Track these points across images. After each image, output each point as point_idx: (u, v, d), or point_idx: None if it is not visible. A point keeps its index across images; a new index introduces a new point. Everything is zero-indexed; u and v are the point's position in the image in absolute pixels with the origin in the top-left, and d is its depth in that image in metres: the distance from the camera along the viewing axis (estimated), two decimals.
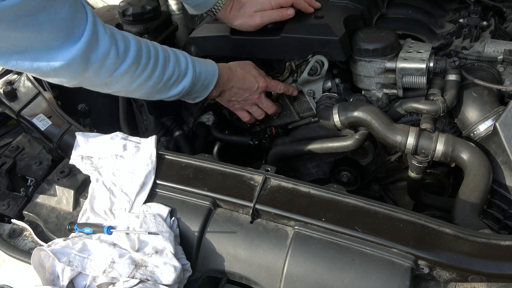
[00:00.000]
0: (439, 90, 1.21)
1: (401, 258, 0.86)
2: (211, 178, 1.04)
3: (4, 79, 1.43)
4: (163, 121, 1.64)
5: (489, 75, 1.21)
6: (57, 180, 1.12)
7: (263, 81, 1.33)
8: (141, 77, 1.06)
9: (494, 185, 1.10)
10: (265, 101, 1.38)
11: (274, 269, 0.91)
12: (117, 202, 1.01)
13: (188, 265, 0.95)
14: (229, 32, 1.36)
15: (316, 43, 1.27)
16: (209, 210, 0.99)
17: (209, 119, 1.63)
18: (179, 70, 1.14)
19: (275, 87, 1.36)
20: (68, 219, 1.07)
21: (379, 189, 1.55)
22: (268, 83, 1.34)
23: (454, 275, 0.86)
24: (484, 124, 1.15)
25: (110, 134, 1.13)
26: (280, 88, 1.37)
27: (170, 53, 1.14)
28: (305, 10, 1.34)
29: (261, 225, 0.97)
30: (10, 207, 1.13)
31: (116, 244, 0.94)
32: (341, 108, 1.22)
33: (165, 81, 1.12)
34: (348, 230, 0.90)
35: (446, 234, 0.88)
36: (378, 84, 1.30)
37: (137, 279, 0.88)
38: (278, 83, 1.37)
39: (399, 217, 0.92)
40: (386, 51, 1.24)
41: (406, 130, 1.13)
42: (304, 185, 0.99)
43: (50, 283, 0.89)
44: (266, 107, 1.39)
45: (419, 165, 1.16)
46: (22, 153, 1.27)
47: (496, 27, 1.41)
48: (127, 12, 1.44)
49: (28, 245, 1.05)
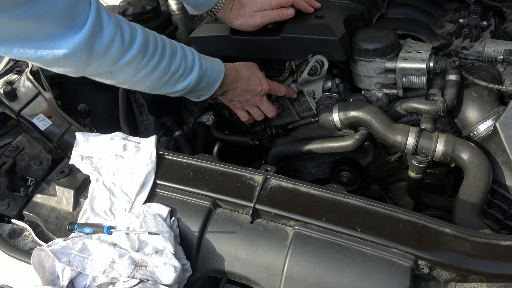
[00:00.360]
0: (439, 90, 1.21)
1: (401, 258, 0.86)
2: (211, 178, 1.04)
3: (4, 79, 1.43)
4: (163, 121, 1.64)
5: (489, 75, 1.21)
6: (57, 180, 1.12)
7: (267, 84, 1.33)
8: (147, 68, 1.04)
9: (494, 185, 1.10)
10: (266, 104, 1.38)
11: (274, 269, 0.91)
12: (117, 202, 1.01)
13: (188, 265, 0.95)
14: (229, 32, 1.36)
15: (316, 43, 1.27)
16: (209, 210, 0.99)
17: (209, 119, 1.63)
18: (185, 64, 1.13)
19: (278, 90, 1.36)
20: (68, 219, 1.07)
21: (379, 189, 1.55)
22: (271, 86, 1.34)
23: (454, 275, 0.86)
24: (484, 124, 1.15)
25: (110, 134, 1.13)
26: (282, 91, 1.37)
27: (177, 46, 1.12)
28: (305, 10, 1.34)
29: (261, 225, 0.97)
30: (10, 207, 1.13)
31: (116, 244, 0.94)
32: (341, 108, 1.22)
33: (171, 74, 1.11)
34: (348, 230, 0.90)
35: (446, 234, 0.88)
36: (378, 84, 1.30)
37: (137, 279, 0.88)
38: (280, 86, 1.37)
39: (399, 217, 0.92)
40: (386, 51, 1.24)
41: (406, 130, 1.13)
42: (304, 185, 0.99)
43: (50, 283, 0.89)
44: (267, 109, 1.39)
45: (419, 165, 1.16)
46: (22, 153, 1.27)
47: (496, 27, 1.41)
48: (127, 12, 1.44)
49: (28, 245, 1.05)
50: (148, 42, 1.02)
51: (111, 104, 1.55)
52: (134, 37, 0.99)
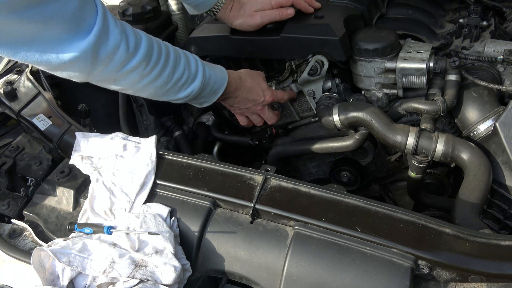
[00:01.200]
0: (439, 90, 1.21)
1: (401, 258, 0.86)
2: (211, 178, 1.04)
3: (4, 79, 1.43)
4: (163, 121, 1.64)
5: (489, 75, 1.21)
6: (57, 180, 1.12)
7: (270, 95, 1.32)
8: (150, 75, 1.03)
9: (494, 185, 1.10)
10: (267, 113, 1.37)
11: (274, 269, 0.91)
12: (117, 202, 1.01)
13: (188, 265, 0.95)
14: (229, 32, 1.36)
15: (316, 43, 1.27)
16: (209, 210, 0.99)
17: (209, 119, 1.63)
18: (189, 72, 1.11)
19: (281, 98, 1.36)
20: (68, 219, 1.07)
21: (379, 189, 1.55)
22: (274, 97, 1.33)
23: (454, 275, 0.86)
24: (484, 124, 1.15)
25: (110, 134, 1.13)
26: (284, 98, 1.38)
27: (181, 54, 1.11)
28: (305, 10, 1.34)
29: (261, 225, 0.97)
30: (10, 207, 1.13)
31: (116, 244, 0.94)
32: (341, 108, 1.22)
33: (174, 82, 1.09)
34: (348, 230, 0.90)
35: (446, 234, 0.88)
36: (378, 84, 1.30)
37: (137, 279, 0.88)
38: (283, 94, 1.37)
39: (399, 217, 0.92)
40: (386, 51, 1.24)
41: (406, 130, 1.13)
42: (304, 185, 0.99)
43: (50, 283, 0.89)
44: (267, 117, 1.39)
45: (419, 165, 1.16)
46: (22, 153, 1.27)
47: (496, 27, 1.41)
48: (127, 12, 1.44)
49: (28, 245, 1.05)
50: (152, 50, 1.02)
51: (111, 104, 1.55)
52: (139, 45, 0.99)
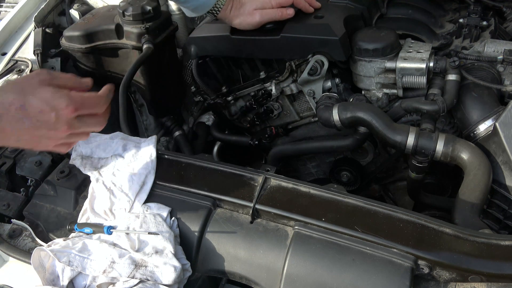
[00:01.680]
0: (439, 90, 1.21)
1: (401, 258, 0.86)
2: (211, 178, 1.04)
3: (4, 79, 1.43)
4: (163, 121, 1.63)
5: (489, 75, 1.21)
6: (57, 180, 1.12)
7: (66, 104, 0.81)
8: None
9: (494, 185, 1.10)
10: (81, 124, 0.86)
11: (274, 269, 0.91)
12: (117, 202, 1.01)
13: (188, 265, 0.95)
14: (229, 32, 1.36)
15: (316, 43, 1.27)
16: (209, 210, 0.99)
17: (209, 119, 1.63)
18: None
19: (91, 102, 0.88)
20: (68, 219, 1.07)
21: (379, 189, 1.55)
22: (77, 105, 0.82)
23: (454, 275, 0.86)
24: (484, 124, 1.15)
25: (110, 134, 1.13)
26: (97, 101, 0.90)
27: None
28: (305, 10, 1.34)
29: (261, 225, 0.97)
30: (10, 207, 1.13)
31: (116, 244, 0.94)
32: (341, 108, 1.22)
33: None
34: (348, 230, 0.90)
35: (446, 234, 0.88)
36: (378, 84, 1.30)
37: (137, 279, 0.88)
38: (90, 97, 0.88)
39: (399, 217, 0.92)
40: (386, 51, 1.24)
41: (406, 130, 1.13)
42: (304, 185, 0.99)
43: (50, 283, 0.89)
44: (89, 125, 0.89)
45: (419, 165, 1.16)
46: (22, 153, 1.27)
47: (496, 27, 1.41)
48: (127, 12, 1.44)
49: (28, 245, 1.05)
50: None
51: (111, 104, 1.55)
52: None
